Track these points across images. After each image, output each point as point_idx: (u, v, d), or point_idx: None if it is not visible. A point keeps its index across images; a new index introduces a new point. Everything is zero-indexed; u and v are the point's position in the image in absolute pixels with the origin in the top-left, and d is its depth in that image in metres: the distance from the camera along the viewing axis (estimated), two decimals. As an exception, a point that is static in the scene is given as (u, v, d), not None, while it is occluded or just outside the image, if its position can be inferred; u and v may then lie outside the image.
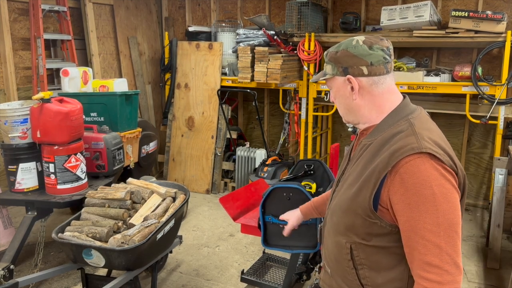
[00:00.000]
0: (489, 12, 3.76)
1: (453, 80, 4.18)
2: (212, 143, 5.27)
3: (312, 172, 2.51)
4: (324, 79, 1.42)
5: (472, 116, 4.22)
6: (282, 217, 1.95)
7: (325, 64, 1.43)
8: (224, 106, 5.09)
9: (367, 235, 1.30)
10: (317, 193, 2.63)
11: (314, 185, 2.44)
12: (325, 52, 1.43)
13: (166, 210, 2.85)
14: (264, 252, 3.40)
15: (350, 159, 1.45)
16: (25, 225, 3.14)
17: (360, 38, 1.34)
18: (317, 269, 2.81)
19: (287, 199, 2.09)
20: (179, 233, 3.16)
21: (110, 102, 3.80)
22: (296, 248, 2.15)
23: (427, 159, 1.19)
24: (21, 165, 3.24)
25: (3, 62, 4.04)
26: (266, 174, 4.49)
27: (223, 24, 5.47)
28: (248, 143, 5.40)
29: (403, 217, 1.20)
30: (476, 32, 3.87)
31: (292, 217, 1.93)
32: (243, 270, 3.09)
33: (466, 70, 4.02)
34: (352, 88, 1.34)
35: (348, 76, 1.33)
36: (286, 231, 1.92)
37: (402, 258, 1.27)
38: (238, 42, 4.91)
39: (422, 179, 1.17)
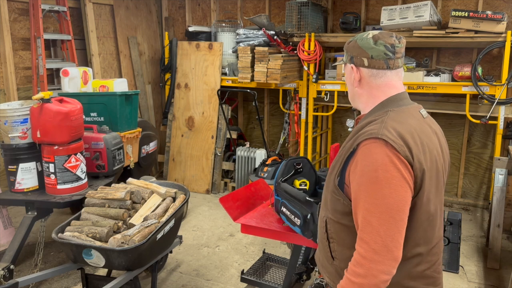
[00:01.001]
0: (489, 12, 3.76)
1: (453, 80, 4.18)
2: (212, 143, 5.27)
3: (301, 169, 2.55)
4: (339, 64, 1.62)
5: (472, 116, 4.22)
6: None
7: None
8: (224, 106, 5.09)
9: (334, 212, 1.42)
10: (311, 191, 2.62)
11: (308, 182, 2.47)
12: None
13: (166, 210, 2.85)
14: (264, 252, 3.40)
15: None
16: (25, 225, 3.14)
17: (372, 32, 1.44)
18: (317, 269, 2.81)
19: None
20: (179, 233, 3.16)
21: (110, 102, 3.80)
22: None
23: (381, 145, 1.27)
24: (21, 165, 3.24)
25: (3, 62, 4.04)
26: (266, 174, 4.48)
27: (223, 24, 5.47)
28: (248, 143, 5.40)
29: (352, 194, 1.33)
30: (476, 32, 3.87)
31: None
32: (243, 270, 3.10)
33: (466, 70, 4.02)
34: (354, 77, 1.46)
35: (352, 65, 1.46)
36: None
37: None
38: (238, 42, 4.91)
39: (370, 162, 1.27)
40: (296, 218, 2.25)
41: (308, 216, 2.14)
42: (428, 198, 1.34)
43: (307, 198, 2.15)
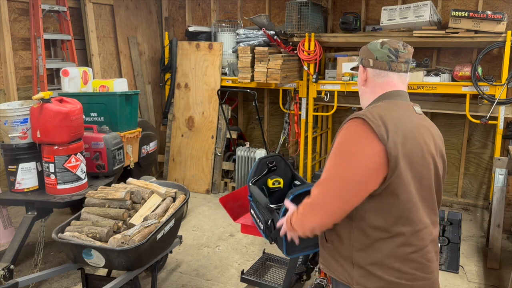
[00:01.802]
0: (489, 12, 3.76)
1: (453, 80, 4.18)
2: (212, 143, 5.27)
3: (275, 167, 2.52)
4: (355, 67, 1.72)
5: (472, 116, 4.22)
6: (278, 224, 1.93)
7: None
8: (224, 106, 5.09)
9: None
10: (287, 187, 2.57)
11: (282, 180, 2.45)
12: None
13: (166, 210, 2.85)
14: (264, 252, 3.40)
15: None
16: (25, 225, 3.14)
17: (384, 39, 1.60)
18: (317, 269, 2.81)
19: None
20: (179, 233, 3.16)
21: (110, 102, 3.80)
22: (317, 246, 2.13)
23: (358, 123, 1.41)
24: (21, 165, 3.24)
25: (3, 62, 4.04)
26: None
27: (223, 24, 5.47)
28: (248, 143, 5.40)
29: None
30: (476, 32, 3.87)
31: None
32: (243, 270, 3.10)
33: (466, 70, 4.02)
34: (362, 77, 1.62)
35: (360, 65, 1.62)
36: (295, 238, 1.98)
37: (346, 219, 1.46)
38: (238, 42, 4.91)
39: (346, 135, 1.43)
40: (260, 222, 2.27)
41: (269, 222, 2.13)
42: (405, 182, 1.40)
43: (268, 205, 2.14)
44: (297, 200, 2.04)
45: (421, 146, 1.45)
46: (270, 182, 2.44)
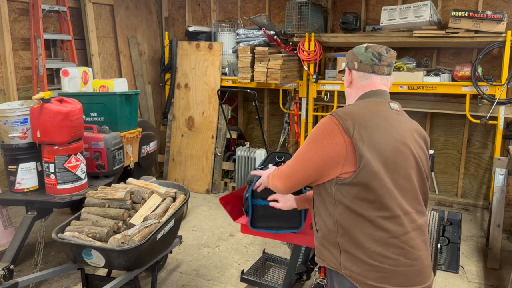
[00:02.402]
0: (489, 12, 3.76)
1: (453, 80, 4.18)
2: (212, 143, 5.27)
3: (282, 163, 2.59)
4: (342, 70, 1.82)
5: (472, 116, 4.22)
6: (272, 196, 2.13)
7: None
8: (224, 106, 5.09)
9: (313, 185, 1.68)
10: None
11: None
12: None
13: (166, 210, 2.85)
14: (264, 252, 3.40)
15: None
16: (25, 225, 3.14)
17: (368, 43, 1.71)
18: (317, 269, 2.81)
19: None
20: (179, 233, 3.16)
21: (110, 102, 3.80)
22: (281, 229, 2.30)
23: (328, 119, 1.58)
24: (21, 165, 3.24)
25: (3, 62, 4.04)
26: None
27: (223, 24, 5.47)
28: (248, 143, 5.40)
29: None
30: (476, 32, 3.87)
31: (285, 202, 2.12)
32: (243, 270, 3.10)
33: (466, 70, 4.02)
34: (347, 78, 1.74)
35: (346, 68, 1.75)
36: (277, 206, 2.14)
37: (329, 205, 1.59)
38: (238, 42, 4.91)
39: (314, 129, 1.62)
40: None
41: (246, 195, 2.31)
42: (375, 169, 1.50)
43: (250, 174, 2.34)
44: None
45: (394, 137, 1.56)
46: None
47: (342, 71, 1.84)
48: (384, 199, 1.52)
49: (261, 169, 2.54)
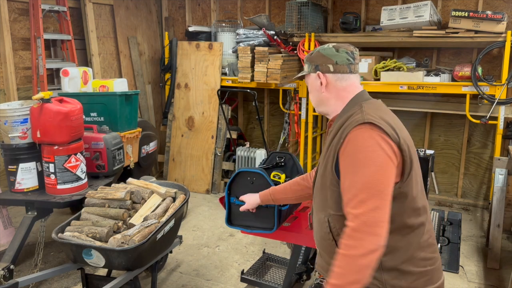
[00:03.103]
0: (489, 12, 3.76)
1: (453, 80, 4.18)
2: (212, 143, 5.27)
3: (283, 164, 2.62)
4: (301, 75, 1.69)
5: (472, 116, 4.22)
6: (241, 198, 2.23)
7: (304, 64, 1.69)
8: (224, 106, 5.08)
9: (336, 205, 1.48)
10: None
11: (283, 176, 2.52)
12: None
13: (166, 210, 2.85)
14: (264, 252, 3.40)
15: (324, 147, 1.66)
16: (25, 225, 3.14)
17: (331, 43, 1.62)
18: (316, 269, 2.81)
19: (251, 183, 2.28)
20: (179, 233, 3.16)
21: (110, 102, 3.80)
22: (254, 229, 2.33)
23: (367, 129, 1.39)
24: (21, 165, 3.24)
25: (3, 62, 4.04)
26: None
27: (223, 24, 5.47)
28: (248, 143, 5.40)
29: (342, 177, 1.42)
30: (476, 32, 3.87)
31: (249, 200, 2.19)
32: (243, 270, 3.09)
33: (466, 70, 4.02)
34: (321, 83, 1.60)
35: (318, 72, 1.60)
36: (242, 208, 2.21)
37: None
38: (238, 42, 4.91)
39: (358, 145, 1.38)
40: None
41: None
42: (417, 172, 1.48)
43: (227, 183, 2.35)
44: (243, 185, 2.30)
45: (410, 136, 1.54)
46: (272, 175, 2.53)
47: (301, 77, 1.72)
48: (423, 202, 1.50)
49: (266, 168, 2.55)
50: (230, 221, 2.38)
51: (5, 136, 3.22)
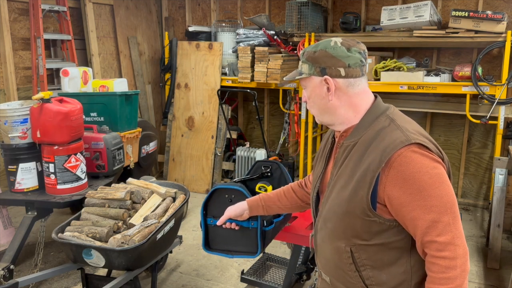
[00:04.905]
0: (489, 12, 3.76)
1: (453, 80, 4.18)
2: (212, 143, 5.27)
3: (270, 174, 2.33)
4: (299, 78, 1.40)
5: (472, 116, 4.22)
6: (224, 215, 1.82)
7: (300, 63, 1.40)
8: (224, 106, 5.09)
9: (367, 234, 1.31)
10: None
11: (269, 188, 2.28)
12: (301, 52, 1.41)
13: (166, 210, 2.85)
14: (264, 252, 3.40)
15: (334, 162, 1.42)
16: (25, 225, 3.14)
17: (337, 39, 1.34)
18: (317, 269, 2.81)
19: (229, 201, 1.93)
20: (179, 233, 3.16)
21: (110, 102, 3.80)
22: (237, 253, 1.97)
23: (416, 149, 1.24)
24: (21, 165, 3.24)
25: (3, 62, 4.04)
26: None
27: (223, 24, 5.47)
28: (248, 143, 5.40)
29: (408, 207, 1.23)
30: (476, 32, 3.86)
31: (231, 209, 1.79)
32: (243, 270, 3.09)
33: (466, 70, 4.02)
34: (328, 89, 1.34)
35: (326, 76, 1.33)
36: (221, 220, 1.79)
37: (403, 251, 1.31)
38: (238, 42, 4.91)
39: (417, 167, 1.22)
40: None
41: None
42: None
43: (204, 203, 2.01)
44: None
45: None
46: (257, 187, 2.29)
47: (295, 81, 1.47)
48: None
49: (245, 180, 2.26)
50: (208, 245, 1.98)
51: (5, 136, 3.22)
